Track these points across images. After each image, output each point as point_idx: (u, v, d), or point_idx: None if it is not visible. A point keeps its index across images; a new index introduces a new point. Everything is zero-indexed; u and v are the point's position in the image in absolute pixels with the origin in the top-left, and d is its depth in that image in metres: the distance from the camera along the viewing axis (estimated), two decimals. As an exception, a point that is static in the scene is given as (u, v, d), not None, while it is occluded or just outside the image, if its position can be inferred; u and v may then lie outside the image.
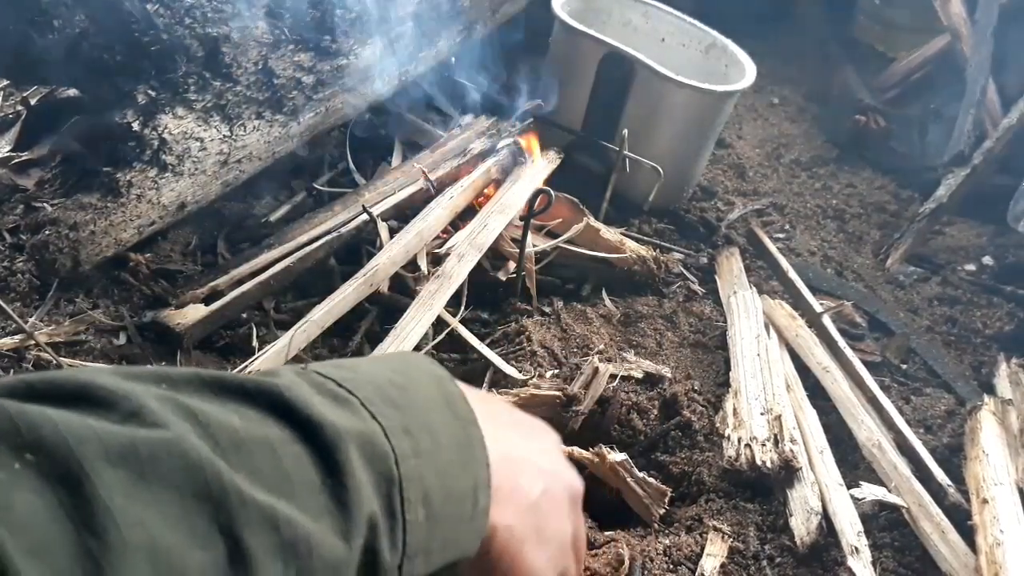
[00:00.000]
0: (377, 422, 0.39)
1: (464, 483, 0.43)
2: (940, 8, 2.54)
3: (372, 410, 0.39)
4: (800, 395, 1.48)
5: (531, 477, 0.51)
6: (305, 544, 0.33)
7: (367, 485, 0.36)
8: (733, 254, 1.87)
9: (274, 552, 0.32)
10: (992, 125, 2.28)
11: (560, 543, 0.54)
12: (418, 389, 0.44)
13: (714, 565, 1.18)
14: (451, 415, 0.44)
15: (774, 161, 2.41)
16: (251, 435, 0.34)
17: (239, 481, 0.32)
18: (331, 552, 0.34)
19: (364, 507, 0.35)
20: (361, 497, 0.35)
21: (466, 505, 0.43)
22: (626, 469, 1.24)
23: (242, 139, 1.49)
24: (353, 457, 0.36)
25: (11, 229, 1.47)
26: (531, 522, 0.50)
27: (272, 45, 1.49)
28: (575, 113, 1.97)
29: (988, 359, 1.76)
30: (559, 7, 1.95)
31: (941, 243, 2.16)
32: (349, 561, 0.35)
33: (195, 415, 0.33)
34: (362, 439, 0.37)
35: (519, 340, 1.49)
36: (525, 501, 0.50)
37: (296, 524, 0.33)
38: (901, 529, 1.30)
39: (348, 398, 0.39)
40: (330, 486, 0.35)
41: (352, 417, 0.38)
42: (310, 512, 0.34)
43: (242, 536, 0.31)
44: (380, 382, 0.42)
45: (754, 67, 1.94)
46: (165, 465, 0.30)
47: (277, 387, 0.36)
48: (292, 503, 0.33)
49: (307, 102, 1.60)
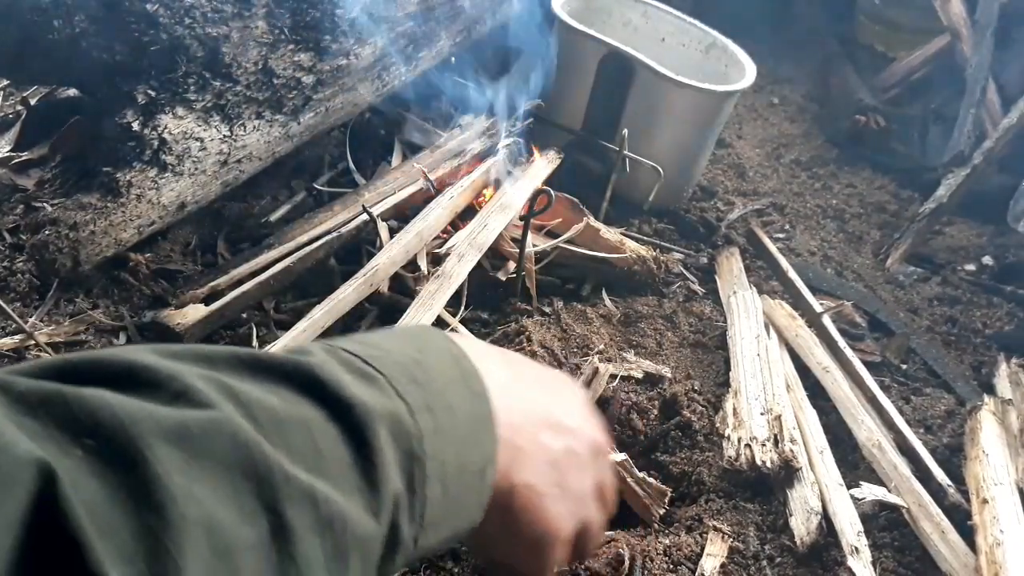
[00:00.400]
0: (403, 400, 0.40)
1: (476, 458, 0.45)
2: (940, 8, 2.54)
3: (398, 388, 0.40)
4: (800, 395, 1.48)
5: (552, 435, 0.53)
6: (340, 520, 0.34)
7: (393, 463, 0.37)
8: (733, 254, 1.87)
9: (313, 528, 0.33)
10: (992, 125, 2.28)
11: (580, 495, 0.55)
12: (437, 366, 0.45)
13: (714, 565, 1.18)
14: (468, 392, 0.45)
15: (774, 161, 2.41)
16: (289, 415, 0.35)
17: (281, 459, 0.33)
18: (363, 528, 0.35)
19: (390, 485, 0.37)
20: (388, 475, 0.37)
21: (476, 479, 0.45)
22: (626, 469, 1.24)
23: (242, 139, 1.49)
24: (382, 436, 0.37)
25: (11, 229, 1.47)
26: (552, 478, 0.52)
27: (272, 45, 1.49)
28: (575, 113, 1.97)
29: (988, 359, 1.76)
30: (559, 7, 1.95)
31: (941, 243, 2.16)
32: (377, 536, 0.36)
33: (237, 395, 0.34)
34: (390, 418, 0.38)
35: (519, 340, 1.49)
36: (545, 458, 0.51)
37: (332, 501, 0.34)
38: (901, 529, 1.30)
39: (375, 376, 0.40)
40: (361, 465, 0.36)
41: (380, 395, 0.39)
42: (343, 490, 0.35)
43: (284, 512, 0.32)
44: (403, 360, 0.43)
45: (754, 67, 1.94)
46: (215, 444, 0.32)
47: (311, 366, 0.37)
48: (327, 481, 0.34)
49: (307, 102, 1.60)
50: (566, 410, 0.57)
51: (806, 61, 2.92)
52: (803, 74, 2.87)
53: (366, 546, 0.36)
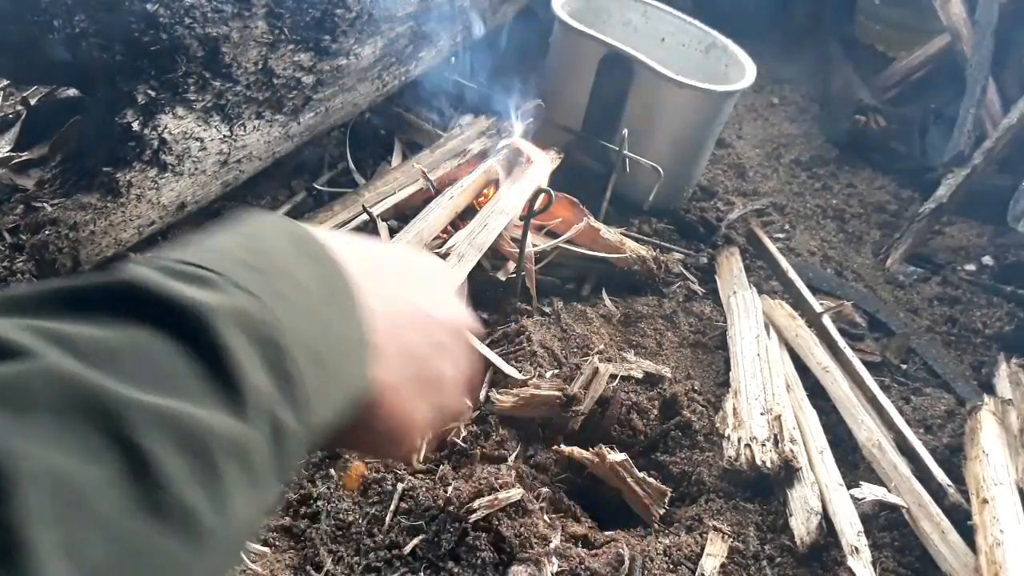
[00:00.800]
0: (245, 291, 0.37)
1: (346, 327, 0.43)
2: (940, 8, 2.54)
3: (237, 282, 0.37)
4: (800, 395, 1.48)
5: (412, 328, 0.52)
6: (201, 433, 0.32)
7: (249, 358, 0.35)
8: (733, 254, 1.87)
9: (172, 449, 0.31)
10: (992, 125, 2.28)
11: (437, 383, 0.55)
12: (277, 251, 0.42)
13: (714, 565, 1.18)
14: (318, 268, 0.43)
15: (774, 161, 2.41)
16: (119, 341, 0.33)
17: (119, 388, 0.31)
18: (230, 433, 0.33)
19: (251, 379, 0.35)
20: (245, 371, 0.34)
21: (352, 345, 0.44)
22: (626, 469, 1.24)
23: (242, 139, 1.49)
24: (225, 334, 0.34)
25: (11, 229, 1.47)
26: (411, 372, 0.51)
27: (272, 45, 1.49)
28: (575, 113, 1.97)
29: (988, 359, 1.76)
30: (559, 7, 1.95)
31: (941, 243, 2.16)
32: (251, 436, 0.34)
33: (56, 335, 0.32)
34: (235, 313, 0.36)
35: (519, 340, 1.49)
36: (407, 353, 0.50)
37: (185, 415, 0.32)
38: (901, 529, 1.30)
39: (206, 275, 0.37)
40: (210, 370, 0.34)
41: (216, 294, 0.36)
42: (197, 401, 0.33)
43: (135, 442, 0.30)
44: (238, 252, 0.41)
45: (754, 67, 1.94)
46: (40, 393, 0.30)
47: (130, 283, 0.35)
48: (177, 397, 0.32)
49: (307, 102, 1.60)
50: (425, 295, 0.54)
51: (806, 61, 2.92)
52: (803, 74, 2.87)
53: (242, 449, 0.34)
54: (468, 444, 1.29)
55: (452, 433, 1.31)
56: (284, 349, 0.37)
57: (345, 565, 1.12)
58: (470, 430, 1.32)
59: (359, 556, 1.13)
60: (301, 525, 1.17)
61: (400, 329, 0.50)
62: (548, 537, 1.15)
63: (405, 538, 1.14)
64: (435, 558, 1.12)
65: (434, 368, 0.53)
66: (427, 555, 1.13)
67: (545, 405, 1.35)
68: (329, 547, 1.14)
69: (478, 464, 1.26)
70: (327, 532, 1.15)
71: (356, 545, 1.14)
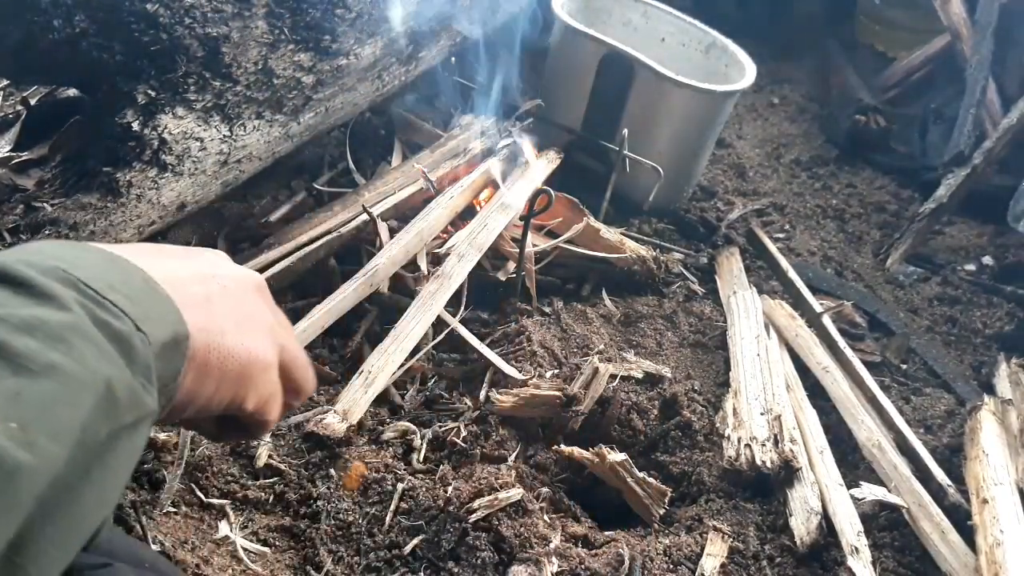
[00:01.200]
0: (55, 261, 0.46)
1: (145, 287, 0.51)
2: (940, 8, 2.54)
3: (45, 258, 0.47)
4: (800, 395, 1.48)
5: (201, 283, 0.57)
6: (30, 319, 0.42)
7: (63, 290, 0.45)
8: (733, 254, 1.87)
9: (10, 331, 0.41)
10: (992, 125, 2.28)
11: (264, 324, 0.61)
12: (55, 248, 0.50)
13: (714, 565, 1.18)
14: (96, 252, 0.51)
15: (774, 161, 2.41)
16: None
17: None
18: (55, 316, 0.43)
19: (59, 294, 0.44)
20: (55, 291, 0.44)
21: (155, 295, 0.51)
22: (626, 469, 1.24)
23: (242, 139, 1.49)
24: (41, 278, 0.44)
25: (11, 229, 1.46)
26: (220, 314, 0.56)
27: (272, 45, 1.49)
28: (575, 113, 1.97)
29: (988, 359, 1.76)
30: (559, 7, 1.95)
31: (941, 243, 2.16)
32: (76, 317, 0.44)
33: None
34: (51, 271, 0.45)
35: (519, 340, 1.49)
36: (204, 302, 0.56)
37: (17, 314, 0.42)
38: (901, 529, 1.30)
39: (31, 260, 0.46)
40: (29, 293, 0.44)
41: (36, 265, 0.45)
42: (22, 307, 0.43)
43: None
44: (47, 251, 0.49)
45: (754, 67, 1.94)
46: None
47: None
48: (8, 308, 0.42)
49: (307, 102, 1.60)
50: (208, 264, 0.60)
51: (806, 61, 2.92)
52: (803, 74, 2.87)
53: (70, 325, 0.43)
54: (468, 444, 1.30)
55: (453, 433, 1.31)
56: (93, 287, 0.46)
57: (345, 565, 1.12)
58: (470, 430, 1.32)
59: (359, 556, 1.13)
60: (301, 525, 1.17)
61: (192, 286, 0.56)
62: (548, 537, 1.15)
63: (405, 538, 1.14)
64: (435, 558, 1.12)
65: (248, 311, 0.59)
66: (427, 555, 1.13)
67: (545, 405, 1.35)
68: (329, 547, 1.14)
69: (478, 464, 1.26)
70: (327, 532, 1.15)
71: (356, 545, 1.14)
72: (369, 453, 1.27)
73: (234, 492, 1.20)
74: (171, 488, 1.16)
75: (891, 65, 2.74)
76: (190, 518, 1.15)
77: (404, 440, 1.31)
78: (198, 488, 1.19)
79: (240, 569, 1.09)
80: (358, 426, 1.30)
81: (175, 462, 1.20)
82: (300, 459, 1.25)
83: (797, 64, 2.90)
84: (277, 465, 1.23)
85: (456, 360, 1.47)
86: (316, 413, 1.30)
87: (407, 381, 1.43)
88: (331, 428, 1.25)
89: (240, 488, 1.20)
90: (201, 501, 1.18)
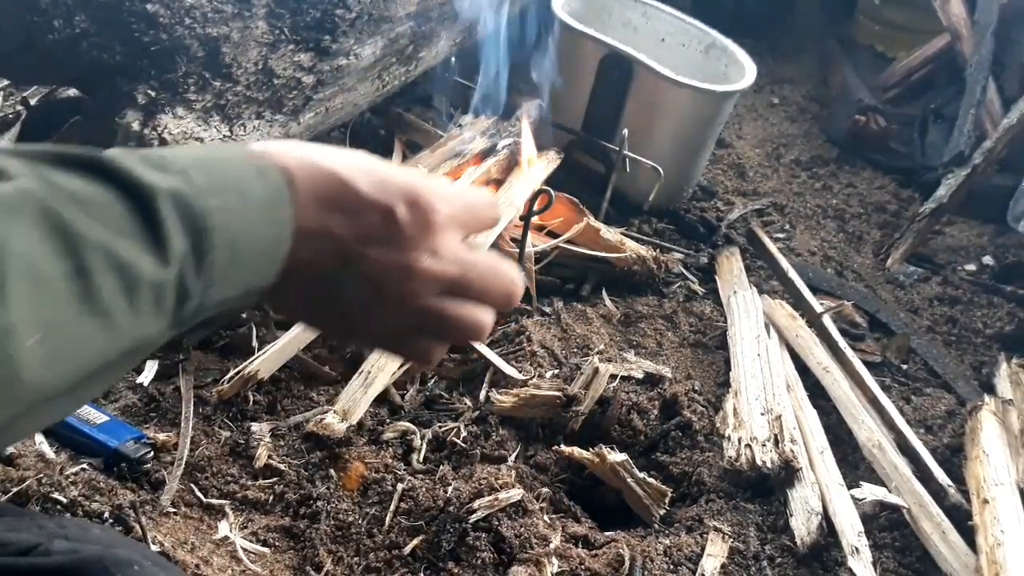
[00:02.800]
0: (190, 183, 0.47)
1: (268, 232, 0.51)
2: (940, 8, 2.54)
3: (188, 173, 0.47)
4: (800, 395, 1.48)
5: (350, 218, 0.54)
6: (131, 266, 0.43)
7: (177, 231, 0.45)
8: (733, 254, 1.87)
9: (108, 270, 0.42)
10: (992, 125, 2.28)
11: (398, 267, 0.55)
12: (236, 161, 0.51)
13: (714, 565, 1.18)
14: (261, 180, 0.50)
15: (774, 161, 2.41)
16: (87, 193, 0.44)
17: (78, 220, 0.42)
18: (152, 273, 0.44)
19: (175, 245, 0.45)
20: (173, 238, 0.45)
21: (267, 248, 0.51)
22: (626, 469, 1.24)
23: (242, 139, 1.49)
24: (165, 208, 0.45)
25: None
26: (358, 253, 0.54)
27: (272, 45, 1.49)
28: (575, 113, 1.97)
29: (988, 359, 1.75)
30: (559, 7, 1.95)
31: (941, 243, 2.16)
32: (166, 281, 0.45)
33: (43, 176, 0.43)
34: (174, 195, 0.46)
35: (519, 340, 1.49)
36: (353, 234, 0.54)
37: (124, 251, 0.43)
38: (901, 529, 1.30)
39: (167, 164, 0.47)
40: (149, 229, 0.45)
41: (168, 178, 0.46)
42: (134, 246, 0.44)
43: (84, 256, 0.42)
44: (199, 154, 0.51)
45: (754, 67, 1.94)
46: (26, 205, 0.41)
47: (109, 158, 0.46)
48: (120, 239, 0.43)
49: (307, 102, 1.60)
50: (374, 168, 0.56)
51: (806, 61, 2.91)
52: (803, 74, 2.86)
53: (156, 288, 0.44)
54: (468, 444, 1.30)
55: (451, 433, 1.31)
56: (207, 234, 0.46)
57: (345, 566, 1.12)
58: (470, 430, 1.32)
59: (359, 556, 1.13)
60: (301, 525, 1.17)
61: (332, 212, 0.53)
62: (548, 537, 1.15)
63: (405, 538, 1.14)
64: (435, 559, 1.12)
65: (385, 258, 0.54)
66: (427, 556, 1.13)
67: (545, 405, 1.35)
68: (329, 547, 1.14)
69: (478, 464, 1.26)
70: (327, 532, 1.15)
71: (356, 545, 1.14)
72: (369, 453, 1.27)
73: (234, 492, 1.20)
74: (171, 488, 1.16)
75: (891, 65, 2.74)
76: (190, 518, 1.15)
77: (404, 440, 1.31)
78: (198, 488, 1.19)
79: (240, 569, 1.09)
80: (358, 426, 1.30)
81: (175, 462, 1.20)
82: (300, 459, 1.25)
83: (797, 64, 2.90)
84: (277, 465, 1.23)
85: (456, 360, 1.47)
86: (316, 413, 1.30)
87: (407, 381, 1.43)
88: (331, 428, 1.25)
89: (240, 488, 1.20)
90: (201, 501, 1.18)
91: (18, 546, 0.63)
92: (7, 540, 0.63)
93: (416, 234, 0.54)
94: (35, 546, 0.63)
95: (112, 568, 0.63)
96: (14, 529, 0.65)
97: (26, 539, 0.64)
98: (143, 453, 1.19)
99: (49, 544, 0.64)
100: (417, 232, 0.54)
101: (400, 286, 0.54)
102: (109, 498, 1.10)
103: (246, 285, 0.50)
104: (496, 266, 0.59)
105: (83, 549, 0.64)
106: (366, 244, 0.53)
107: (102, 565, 0.63)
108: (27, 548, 0.63)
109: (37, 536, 0.64)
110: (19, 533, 0.65)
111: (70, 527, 0.69)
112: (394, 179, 0.55)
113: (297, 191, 0.52)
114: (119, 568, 0.63)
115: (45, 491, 1.08)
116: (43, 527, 0.67)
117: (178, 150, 0.52)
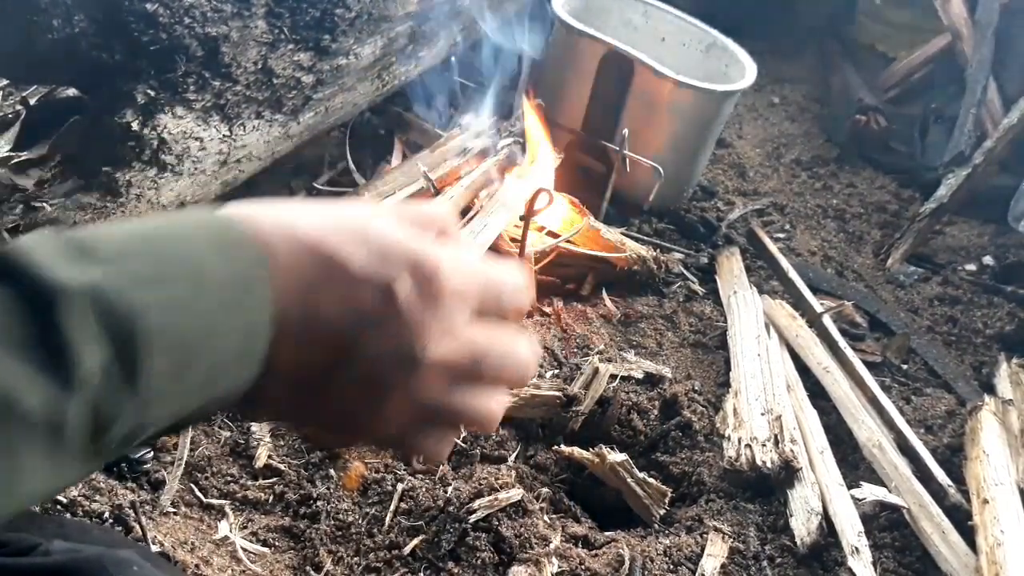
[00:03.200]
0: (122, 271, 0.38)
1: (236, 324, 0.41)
2: (940, 8, 2.54)
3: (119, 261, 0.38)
4: (800, 395, 1.48)
5: None
6: (8, 397, 0.33)
7: (94, 340, 0.36)
8: (733, 254, 1.87)
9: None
10: (992, 125, 2.28)
11: None
12: (188, 238, 0.41)
13: (714, 565, 1.18)
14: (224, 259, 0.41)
15: (774, 161, 2.40)
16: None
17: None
18: (42, 404, 0.34)
19: (86, 360, 0.35)
20: (81, 353, 0.35)
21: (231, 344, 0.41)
22: (626, 469, 1.24)
23: (242, 139, 1.49)
24: (73, 312, 0.35)
25: (11, 229, 1.46)
26: None
27: (272, 45, 1.49)
28: (575, 113, 1.97)
29: (988, 359, 1.75)
30: (559, 7, 1.95)
31: (941, 243, 2.16)
32: (65, 411, 0.35)
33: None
34: (94, 294, 0.36)
35: (519, 340, 1.49)
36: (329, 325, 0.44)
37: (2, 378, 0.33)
38: (901, 529, 1.30)
39: (95, 251, 0.38)
40: (45, 345, 0.35)
41: (87, 270, 0.37)
42: (25, 371, 0.34)
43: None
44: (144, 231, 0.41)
45: (754, 67, 1.94)
46: None
47: (14, 251, 0.36)
48: (7, 360, 0.34)
49: (307, 102, 1.60)
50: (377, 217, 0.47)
51: (806, 61, 2.91)
52: (803, 74, 2.86)
53: (48, 423, 0.34)
54: (468, 444, 1.29)
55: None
56: (138, 338, 0.37)
57: (345, 566, 1.12)
58: (470, 430, 1.32)
59: (359, 556, 1.13)
60: (301, 525, 1.17)
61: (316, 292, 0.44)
62: (548, 537, 1.15)
63: (405, 538, 1.14)
64: (435, 558, 1.12)
65: None
66: (427, 555, 1.12)
67: (545, 405, 1.35)
68: (329, 547, 1.14)
69: (478, 464, 1.26)
70: (327, 532, 1.15)
71: (356, 545, 1.14)
72: (369, 453, 1.27)
73: (234, 492, 1.20)
74: (171, 488, 1.16)
75: (891, 65, 2.74)
76: (190, 518, 1.15)
77: (404, 440, 1.31)
78: (198, 488, 1.19)
79: (240, 569, 1.09)
80: (358, 426, 1.30)
81: (175, 462, 1.20)
82: (300, 459, 1.25)
83: (797, 64, 2.90)
84: (277, 465, 1.23)
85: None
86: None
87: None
88: (331, 428, 1.25)
89: (240, 488, 1.20)
90: (201, 501, 1.18)
91: (18, 546, 0.63)
92: (7, 540, 0.63)
93: (421, 315, 0.44)
94: (35, 546, 0.63)
95: (111, 568, 0.62)
96: (14, 529, 0.65)
97: (26, 539, 0.64)
98: (143, 453, 1.19)
99: (49, 544, 0.63)
100: (422, 312, 0.45)
101: (404, 380, 0.45)
102: (109, 498, 1.10)
103: (210, 393, 0.41)
104: (511, 346, 0.49)
105: (83, 549, 0.64)
106: (363, 329, 0.44)
107: (101, 565, 0.63)
108: (27, 548, 0.63)
109: (37, 536, 0.64)
110: (19, 533, 0.64)
111: (70, 527, 0.69)
112: (396, 246, 0.45)
113: (278, 267, 0.42)
114: (118, 568, 0.63)
115: (45, 491, 1.08)
116: (43, 527, 0.67)
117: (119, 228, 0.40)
